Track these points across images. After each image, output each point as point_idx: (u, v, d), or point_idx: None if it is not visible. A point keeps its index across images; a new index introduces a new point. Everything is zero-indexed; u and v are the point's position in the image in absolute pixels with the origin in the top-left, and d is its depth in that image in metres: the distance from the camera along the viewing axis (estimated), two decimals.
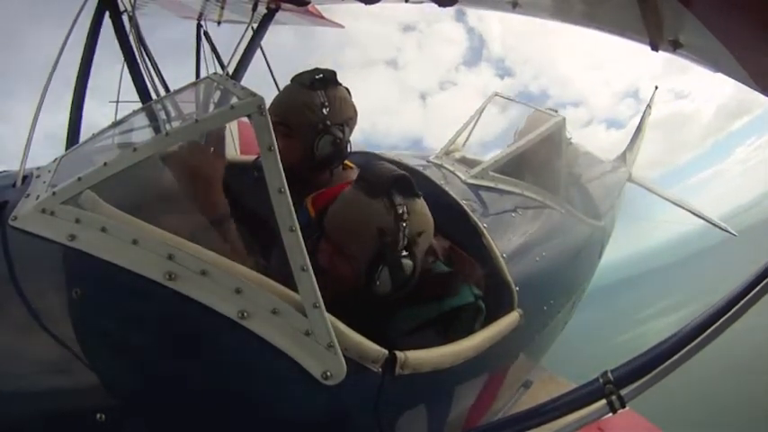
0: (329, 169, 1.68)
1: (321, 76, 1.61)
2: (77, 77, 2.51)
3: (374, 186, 1.29)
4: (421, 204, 1.34)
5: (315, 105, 1.58)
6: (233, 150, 2.99)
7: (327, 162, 1.65)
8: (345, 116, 1.64)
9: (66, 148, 2.40)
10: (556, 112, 2.85)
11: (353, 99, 1.68)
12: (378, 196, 1.27)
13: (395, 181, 1.29)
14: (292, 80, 1.66)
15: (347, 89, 1.67)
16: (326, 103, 1.58)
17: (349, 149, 1.69)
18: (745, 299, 1.05)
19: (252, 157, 1.82)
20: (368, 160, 1.67)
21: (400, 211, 1.26)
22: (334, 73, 1.64)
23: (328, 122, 1.59)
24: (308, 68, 1.63)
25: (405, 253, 1.27)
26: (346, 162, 1.78)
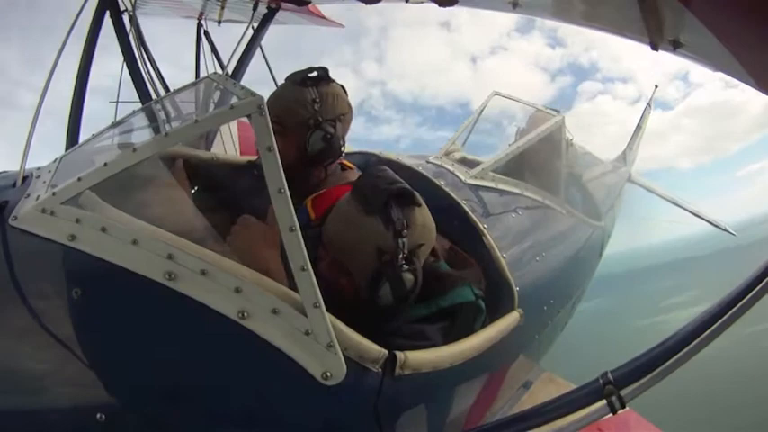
0: (323, 166, 1.68)
1: (313, 73, 1.62)
2: (77, 77, 2.50)
3: (371, 202, 1.25)
4: (421, 214, 1.29)
5: (306, 102, 1.58)
6: (233, 150, 2.99)
7: (320, 158, 1.64)
8: (338, 112, 1.63)
9: (67, 149, 2.40)
10: (557, 112, 2.85)
11: (410, 57, 1.67)
12: (375, 213, 1.23)
13: (392, 195, 1.25)
14: (286, 79, 1.66)
15: (342, 86, 1.68)
16: (318, 99, 1.59)
17: (343, 146, 1.69)
18: (746, 298, 1.04)
19: (252, 158, 1.82)
20: (367, 167, 1.65)
21: (399, 228, 1.22)
22: (326, 70, 1.64)
23: (320, 118, 1.59)
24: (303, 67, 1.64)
25: (405, 267, 1.24)
26: (346, 162, 1.78)
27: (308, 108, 1.58)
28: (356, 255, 1.26)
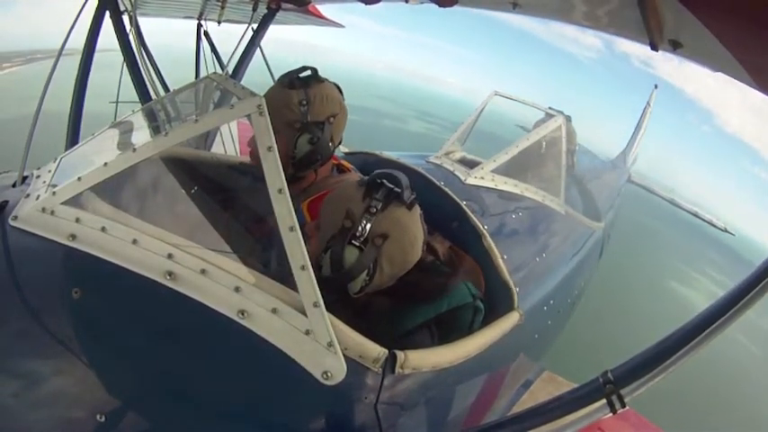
0: (312, 168, 1.66)
1: (303, 74, 1.60)
2: (77, 77, 2.50)
3: (367, 179, 1.29)
4: (403, 214, 1.27)
5: (292, 104, 1.56)
6: (233, 150, 2.99)
7: (307, 161, 1.62)
8: (327, 113, 1.61)
9: (66, 149, 2.40)
10: (561, 113, 2.85)
11: None
12: (363, 185, 1.27)
13: (386, 184, 1.27)
14: (277, 80, 1.65)
15: (336, 85, 1.65)
16: (305, 101, 1.57)
17: (333, 148, 1.67)
18: (747, 297, 1.04)
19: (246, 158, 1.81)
20: (365, 161, 1.64)
21: (373, 207, 1.23)
22: (315, 71, 1.63)
23: (306, 120, 1.57)
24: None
25: (354, 243, 1.22)
26: (344, 164, 1.77)
27: (294, 110, 1.56)
28: (330, 212, 1.28)
